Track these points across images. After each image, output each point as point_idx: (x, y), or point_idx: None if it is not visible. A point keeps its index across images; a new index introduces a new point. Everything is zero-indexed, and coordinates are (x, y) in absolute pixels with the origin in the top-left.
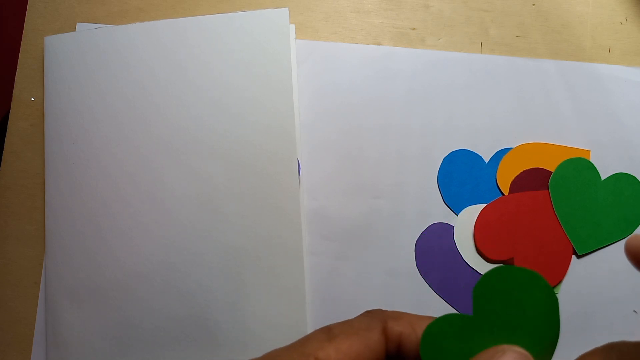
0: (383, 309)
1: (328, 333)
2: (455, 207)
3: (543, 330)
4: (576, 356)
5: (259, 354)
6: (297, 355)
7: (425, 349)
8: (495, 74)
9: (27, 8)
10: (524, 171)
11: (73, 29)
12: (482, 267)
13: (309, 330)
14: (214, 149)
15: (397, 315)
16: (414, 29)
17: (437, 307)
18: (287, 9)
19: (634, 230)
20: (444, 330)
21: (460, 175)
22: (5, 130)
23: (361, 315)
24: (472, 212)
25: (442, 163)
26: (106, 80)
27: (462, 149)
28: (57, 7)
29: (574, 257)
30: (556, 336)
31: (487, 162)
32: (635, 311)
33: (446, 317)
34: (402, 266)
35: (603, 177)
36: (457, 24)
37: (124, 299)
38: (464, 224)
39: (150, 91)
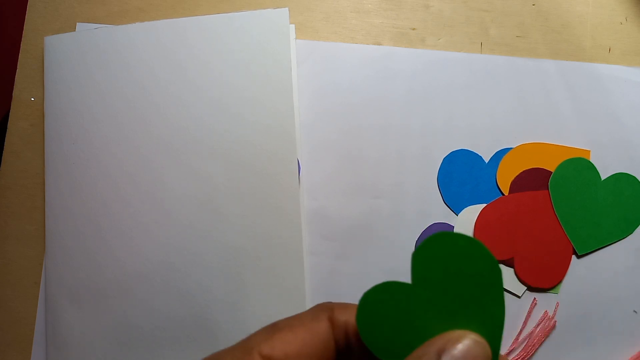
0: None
1: (273, 327)
2: (455, 207)
3: (486, 302)
4: (576, 356)
5: None
6: (240, 352)
7: (361, 317)
8: (495, 74)
9: (27, 8)
10: (524, 171)
11: (73, 29)
12: None
13: None
14: (214, 149)
15: (344, 306)
16: (414, 29)
17: None
18: (287, 9)
19: (634, 230)
20: (381, 298)
21: (460, 175)
22: (5, 130)
23: (309, 309)
24: (472, 212)
25: (442, 163)
26: (106, 80)
27: (462, 149)
28: (57, 7)
29: (574, 257)
30: (501, 310)
31: (487, 162)
32: (635, 311)
33: (384, 285)
34: (402, 266)
35: (603, 177)
36: (457, 24)
37: (124, 299)
38: (464, 224)
39: (150, 91)
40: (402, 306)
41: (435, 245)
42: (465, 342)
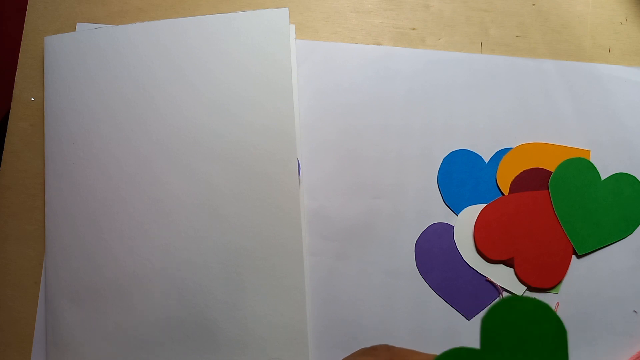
0: (389, 344)
1: None
2: (455, 207)
3: None
4: (576, 356)
5: (259, 354)
6: None
7: None
8: (495, 74)
9: (27, 8)
10: (524, 171)
11: (73, 29)
12: (482, 267)
13: (309, 330)
14: (213, 149)
15: (402, 355)
16: (414, 29)
17: (437, 307)
18: (287, 9)
19: (634, 230)
20: None
21: (460, 175)
22: (5, 130)
23: (365, 355)
24: (472, 212)
25: (442, 163)
26: (106, 80)
27: (462, 149)
28: (57, 7)
29: (574, 257)
30: None
31: (487, 162)
32: (635, 311)
33: (454, 351)
34: (402, 266)
35: (603, 177)
36: (457, 24)
37: (124, 299)
38: (464, 224)
39: (150, 91)
40: None
41: (503, 310)
42: None
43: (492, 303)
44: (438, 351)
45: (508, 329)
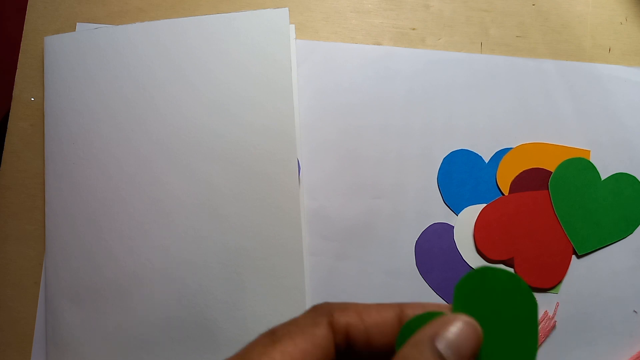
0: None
1: (272, 336)
2: (455, 207)
3: (521, 335)
4: (576, 356)
5: None
6: None
7: (401, 342)
8: (495, 74)
9: (27, 8)
10: (524, 171)
11: (73, 29)
12: None
13: None
14: (213, 149)
15: (344, 307)
16: (414, 29)
17: None
18: (287, 9)
19: (634, 230)
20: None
21: (460, 175)
22: (5, 130)
23: (307, 311)
24: (472, 212)
25: (442, 163)
26: (106, 80)
27: (462, 149)
28: (57, 7)
29: (574, 257)
30: (534, 344)
31: (487, 162)
32: (635, 311)
33: (426, 315)
34: (402, 266)
35: (603, 177)
36: (457, 24)
37: (123, 299)
38: (464, 224)
39: (150, 91)
40: None
41: (477, 279)
42: (457, 324)
43: (467, 273)
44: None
45: (479, 298)
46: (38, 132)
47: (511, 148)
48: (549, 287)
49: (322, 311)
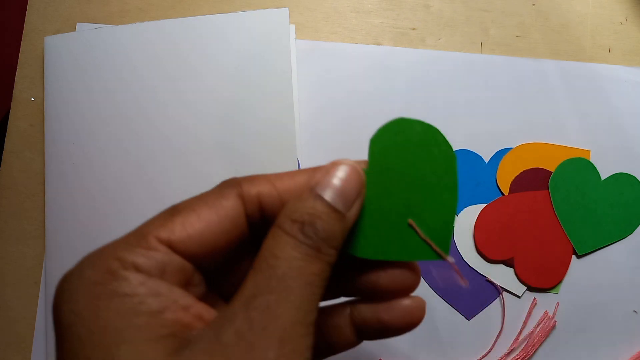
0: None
1: (172, 211)
2: None
3: (440, 188)
4: (576, 356)
5: None
6: (135, 238)
7: None
8: (495, 74)
9: (27, 8)
10: (524, 171)
11: (73, 29)
12: (482, 267)
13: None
14: (214, 148)
15: (253, 178)
16: (414, 29)
17: (437, 307)
18: (287, 9)
19: (634, 230)
20: None
21: (460, 175)
22: (5, 130)
23: (214, 187)
24: (472, 212)
25: None
26: (106, 80)
27: (462, 149)
28: (57, 7)
29: (574, 257)
30: (453, 195)
31: (487, 162)
32: (635, 311)
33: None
34: None
35: (603, 177)
36: (457, 24)
37: None
38: (464, 224)
39: (150, 91)
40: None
41: (392, 132)
42: (343, 167)
43: (382, 125)
44: (438, 350)
45: (396, 150)
46: (38, 132)
47: (511, 148)
48: (549, 287)
49: (230, 184)
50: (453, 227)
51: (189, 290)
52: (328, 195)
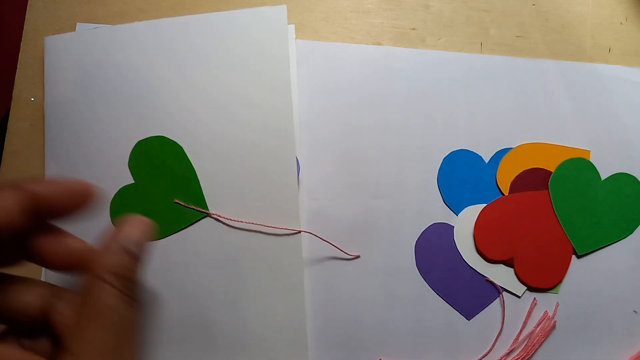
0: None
1: None
2: (455, 207)
3: (184, 176)
4: (576, 356)
5: (259, 354)
6: None
7: (114, 217)
8: (495, 74)
9: (27, 8)
10: (524, 171)
11: (73, 29)
12: (482, 267)
13: (309, 330)
14: (213, 148)
15: (35, 179)
16: (414, 29)
17: (437, 307)
18: (284, 6)
19: (634, 230)
20: (122, 200)
21: (460, 175)
22: (5, 130)
23: None
24: (472, 212)
25: (442, 163)
26: (106, 80)
27: (462, 149)
28: (57, 7)
29: (574, 257)
30: (193, 173)
31: (487, 162)
32: (635, 311)
33: (124, 188)
34: (402, 266)
35: (603, 177)
36: (457, 24)
37: None
38: (464, 224)
39: (150, 90)
40: (136, 201)
41: (141, 149)
42: (130, 221)
43: (136, 143)
44: (438, 350)
45: (149, 165)
46: (38, 132)
47: (511, 148)
48: (549, 287)
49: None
50: (200, 186)
51: None
52: (134, 248)
